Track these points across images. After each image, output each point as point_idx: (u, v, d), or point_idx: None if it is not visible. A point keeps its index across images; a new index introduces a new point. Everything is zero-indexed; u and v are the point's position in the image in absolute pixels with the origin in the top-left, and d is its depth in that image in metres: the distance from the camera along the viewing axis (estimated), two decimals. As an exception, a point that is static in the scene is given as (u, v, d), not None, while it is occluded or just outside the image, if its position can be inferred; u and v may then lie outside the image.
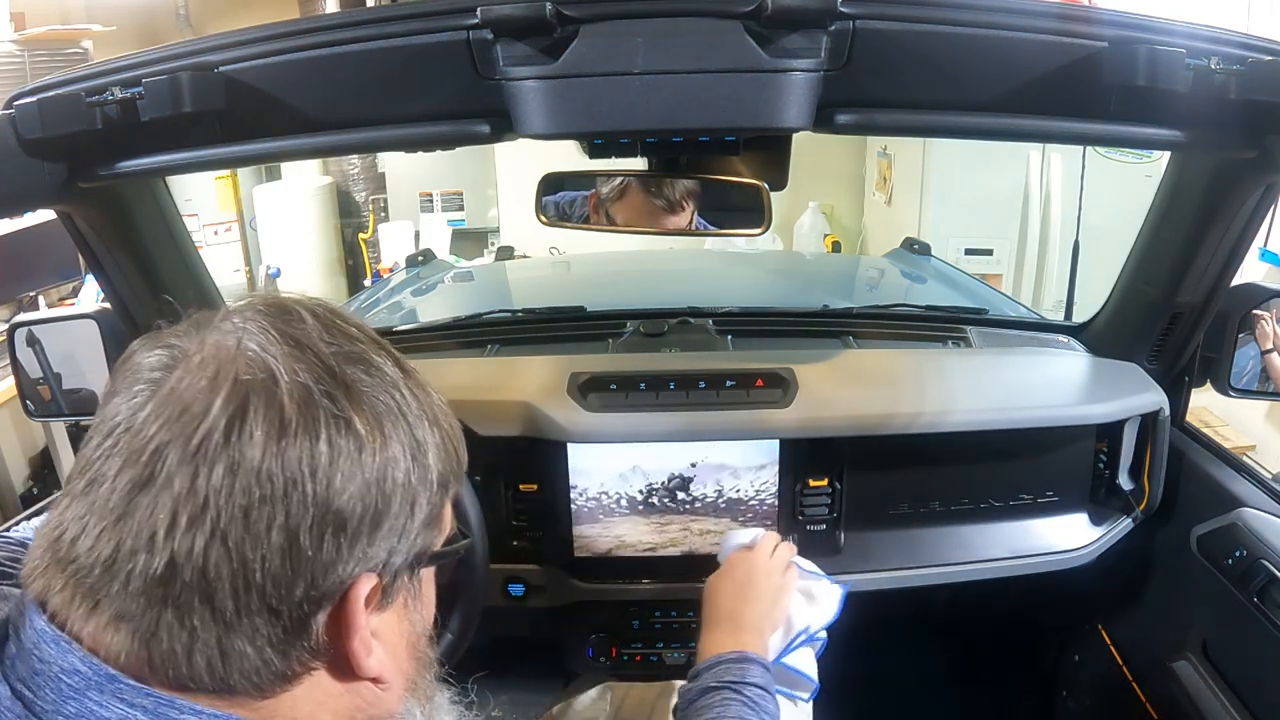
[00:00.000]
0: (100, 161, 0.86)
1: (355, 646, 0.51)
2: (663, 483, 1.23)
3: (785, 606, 1.05)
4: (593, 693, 1.30)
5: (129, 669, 0.47)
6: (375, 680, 0.53)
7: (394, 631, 0.55)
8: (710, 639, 0.97)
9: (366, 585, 0.51)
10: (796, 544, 1.26)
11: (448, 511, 0.58)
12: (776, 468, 1.23)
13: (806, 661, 1.05)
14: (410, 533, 0.53)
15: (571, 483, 1.22)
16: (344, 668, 0.52)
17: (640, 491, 1.23)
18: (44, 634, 0.47)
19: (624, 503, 1.23)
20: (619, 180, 1.16)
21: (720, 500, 1.24)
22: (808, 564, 1.11)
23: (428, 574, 0.59)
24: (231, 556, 0.46)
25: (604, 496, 1.23)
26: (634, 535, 1.25)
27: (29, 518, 0.94)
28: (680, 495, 1.23)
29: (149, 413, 0.48)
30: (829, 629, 1.07)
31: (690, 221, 1.15)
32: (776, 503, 1.24)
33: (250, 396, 0.47)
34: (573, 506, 1.23)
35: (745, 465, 1.22)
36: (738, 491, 1.23)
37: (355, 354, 0.52)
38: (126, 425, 0.48)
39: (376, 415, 0.51)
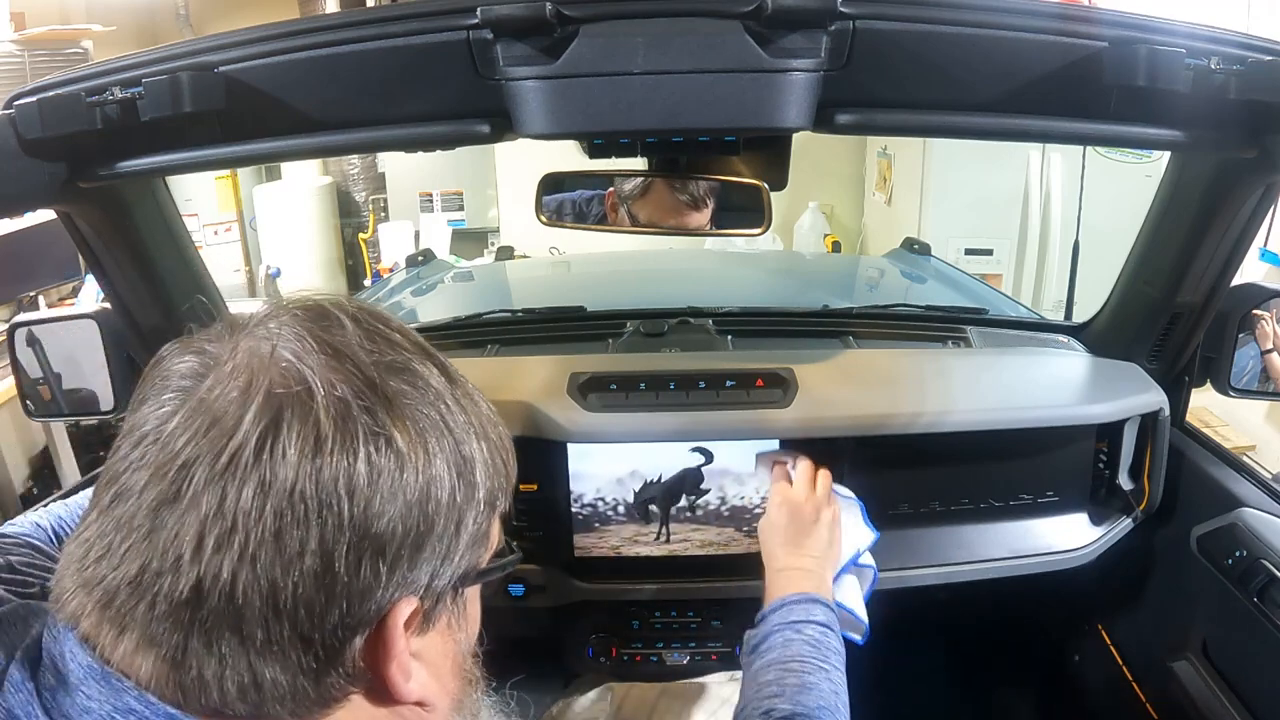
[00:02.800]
0: (100, 161, 0.86)
1: (393, 672, 0.48)
2: (664, 488, 1.23)
3: (839, 537, 1.07)
4: (593, 693, 1.30)
5: (161, 695, 0.45)
6: (418, 704, 0.50)
7: (437, 652, 0.52)
8: (774, 584, 0.98)
9: (407, 609, 0.48)
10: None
11: (495, 527, 0.55)
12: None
13: (854, 598, 1.07)
14: (455, 554, 0.50)
15: (571, 483, 1.22)
16: (383, 693, 0.49)
17: (641, 498, 1.23)
18: (91, 670, 0.45)
19: (622, 509, 1.23)
20: (641, 178, 1.15)
21: (724, 508, 1.24)
22: (841, 489, 1.15)
23: (473, 592, 0.55)
24: (261, 581, 0.43)
25: (601, 501, 1.23)
26: (634, 546, 1.25)
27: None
28: (682, 503, 1.23)
29: (177, 424, 0.45)
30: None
31: (711, 219, 1.15)
32: (777, 503, 1.24)
33: (284, 410, 0.44)
34: (573, 508, 1.23)
35: (749, 471, 1.22)
36: (741, 499, 1.23)
37: (398, 363, 0.49)
38: (154, 437, 0.45)
39: (420, 431, 0.48)
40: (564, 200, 1.19)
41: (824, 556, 1.03)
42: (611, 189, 1.17)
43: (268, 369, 0.46)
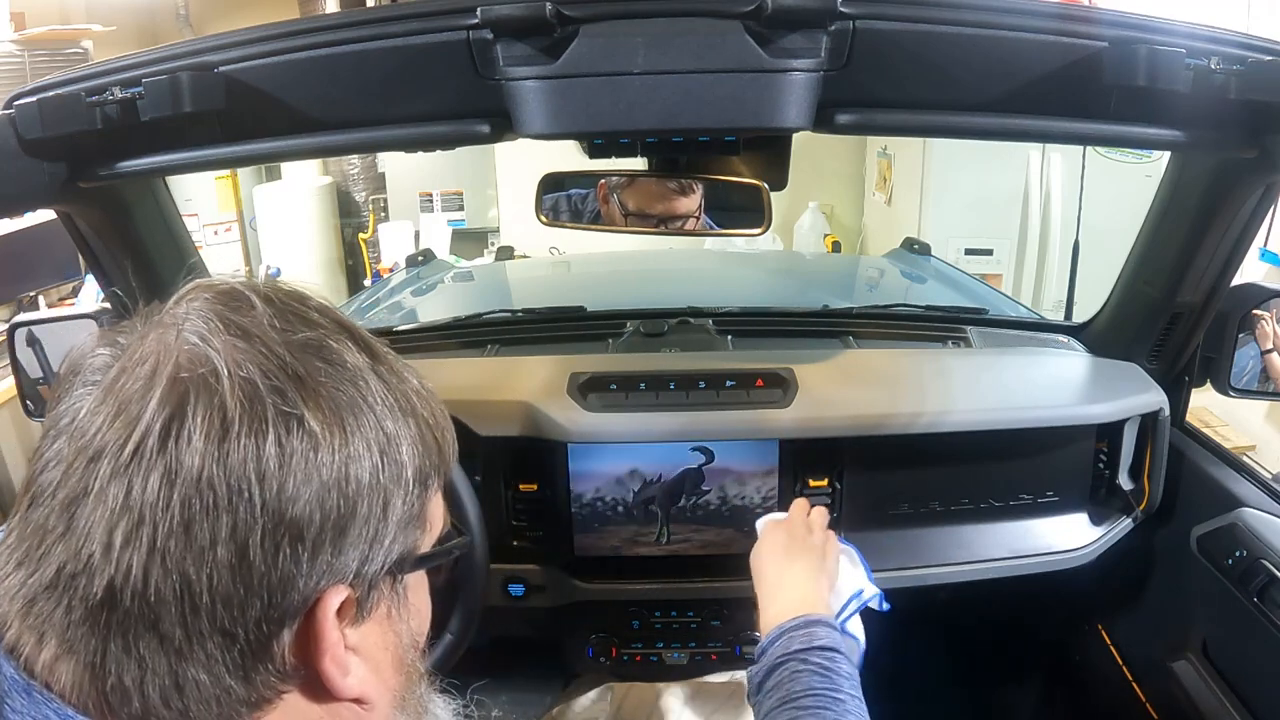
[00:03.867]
0: (100, 161, 0.86)
1: (327, 666, 0.46)
2: (664, 488, 1.23)
3: (835, 559, 1.01)
4: (593, 693, 1.30)
5: (83, 706, 0.43)
6: (356, 701, 0.48)
7: (376, 645, 0.50)
8: (768, 612, 0.92)
9: (336, 598, 0.46)
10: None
11: (435, 508, 0.53)
12: (777, 469, 1.23)
13: (855, 626, 1.01)
14: (384, 537, 0.47)
15: (571, 483, 1.22)
16: (319, 689, 0.47)
17: (641, 498, 1.23)
18: (15, 683, 0.43)
19: (622, 509, 1.23)
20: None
21: (724, 509, 1.24)
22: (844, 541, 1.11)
23: (415, 579, 0.53)
24: (173, 576, 0.41)
25: (601, 501, 1.23)
26: (634, 546, 1.25)
27: None
28: (682, 503, 1.23)
29: (85, 418, 0.43)
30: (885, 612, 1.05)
31: (700, 205, 1.15)
32: (776, 505, 1.24)
33: (188, 394, 0.43)
34: (573, 508, 1.23)
35: (749, 471, 1.22)
36: (742, 499, 1.23)
37: (312, 341, 0.47)
38: (68, 433, 0.44)
39: (335, 409, 0.45)
40: (561, 198, 1.19)
41: (818, 573, 0.96)
42: (603, 181, 1.17)
43: (172, 353, 0.44)
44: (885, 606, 1.05)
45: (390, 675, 0.51)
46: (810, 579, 0.94)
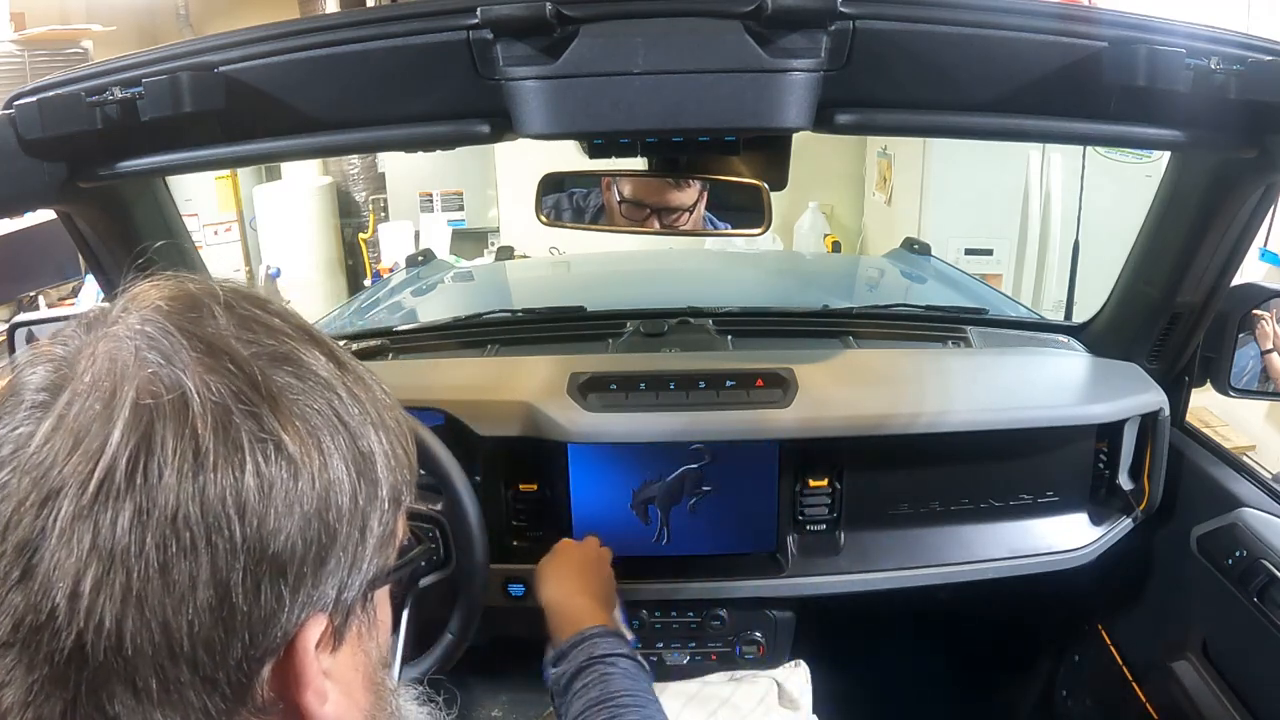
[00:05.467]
0: (100, 161, 0.86)
1: (309, 699, 0.43)
2: (664, 488, 1.23)
3: (614, 592, 1.09)
4: (593, 693, 1.30)
5: None
6: None
7: (348, 668, 0.47)
8: (561, 619, 0.98)
9: (316, 630, 0.43)
10: (796, 544, 1.27)
11: (401, 524, 0.50)
12: (777, 469, 1.23)
13: None
14: (362, 561, 0.45)
15: (571, 483, 1.22)
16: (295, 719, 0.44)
17: (641, 498, 1.23)
18: None
19: (622, 509, 1.23)
20: None
21: (724, 509, 1.24)
22: None
23: (381, 594, 0.50)
24: (150, 625, 0.38)
25: (601, 501, 1.23)
26: (635, 546, 1.25)
27: None
28: (682, 503, 1.23)
29: (34, 448, 0.39)
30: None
31: (697, 200, 1.15)
32: (776, 505, 1.24)
33: (155, 423, 0.39)
34: (573, 508, 1.23)
35: (749, 471, 1.22)
36: (742, 499, 1.23)
37: (281, 353, 0.44)
38: (14, 464, 0.39)
39: (312, 429, 0.42)
40: (561, 198, 1.20)
41: (608, 596, 1.05)
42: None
43: (132, 376, 0.40)
44: None
45: (361, 695, 0.49)
46: (602, 599, 1.03)
